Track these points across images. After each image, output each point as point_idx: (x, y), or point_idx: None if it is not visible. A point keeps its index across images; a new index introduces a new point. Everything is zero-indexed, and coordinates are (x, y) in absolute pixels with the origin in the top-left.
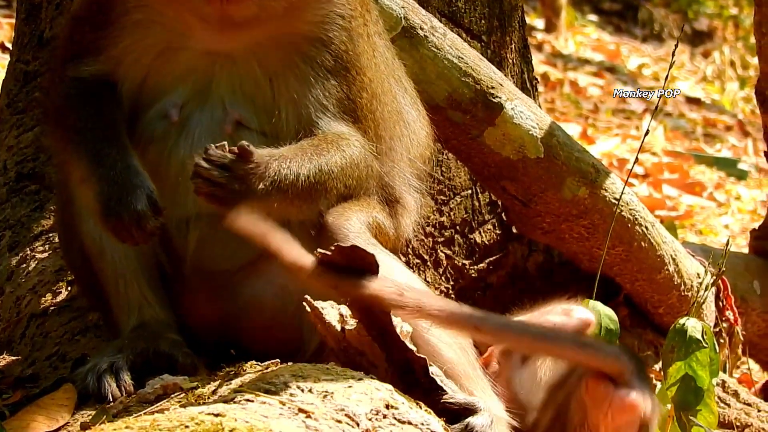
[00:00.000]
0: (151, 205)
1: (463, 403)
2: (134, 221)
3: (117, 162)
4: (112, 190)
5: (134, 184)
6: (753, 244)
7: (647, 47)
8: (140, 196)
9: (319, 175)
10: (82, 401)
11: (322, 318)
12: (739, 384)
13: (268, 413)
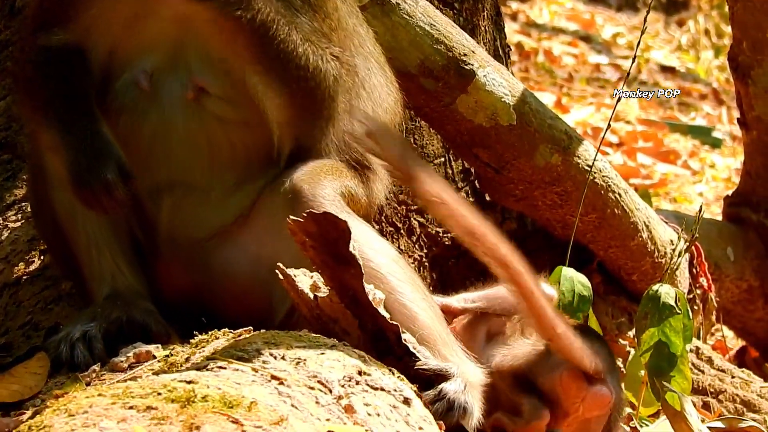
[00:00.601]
0: (120, 172)
1: (436, 369)
2: (104, 189)
3: (86, 130)
4: (82, 158)
5: (103, 153)
6: (727, 210)
7: (622, 16)
8: (110, 164)
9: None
10: (55, 370)
11: (295, 285)
12: (713, 351)
13: (241, 380)
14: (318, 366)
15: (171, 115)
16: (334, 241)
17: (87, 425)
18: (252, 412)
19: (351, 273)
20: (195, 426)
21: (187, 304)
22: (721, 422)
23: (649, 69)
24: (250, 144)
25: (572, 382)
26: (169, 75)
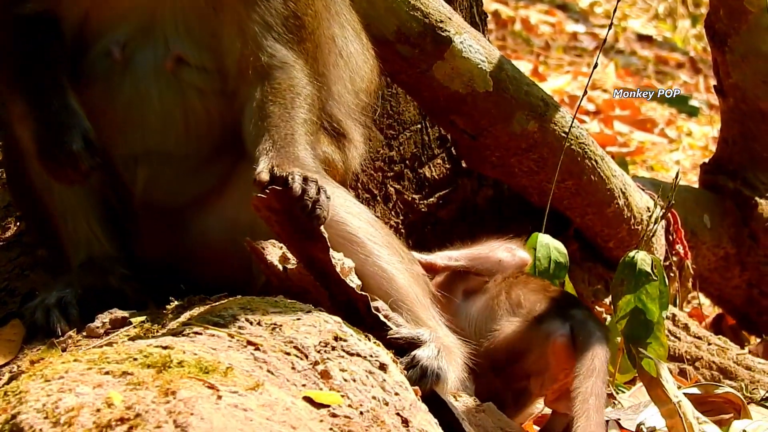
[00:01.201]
0: (87, 144)
1: (408, 338)
2: (70, 162)
3: (54, 102)
4: (48, 130)
5: (70, 124)
6: (703, 178)
7: None
8: (76, 136)
9: (307, 126)
10: (31, 336)
11: (264, 258)
12: (690, 318)
13: (217, 346)
14: (294, 332)
15: (146, 86)
16: (297, 216)
17: (63, 390)
18: (228, 377)
19: (317, 247)
20: (171, 391)
21: (163, 270)
22: (697, 389)
23: (626, 38)
24: (228, 113)
25: (563, 351)
26: (143, 45)
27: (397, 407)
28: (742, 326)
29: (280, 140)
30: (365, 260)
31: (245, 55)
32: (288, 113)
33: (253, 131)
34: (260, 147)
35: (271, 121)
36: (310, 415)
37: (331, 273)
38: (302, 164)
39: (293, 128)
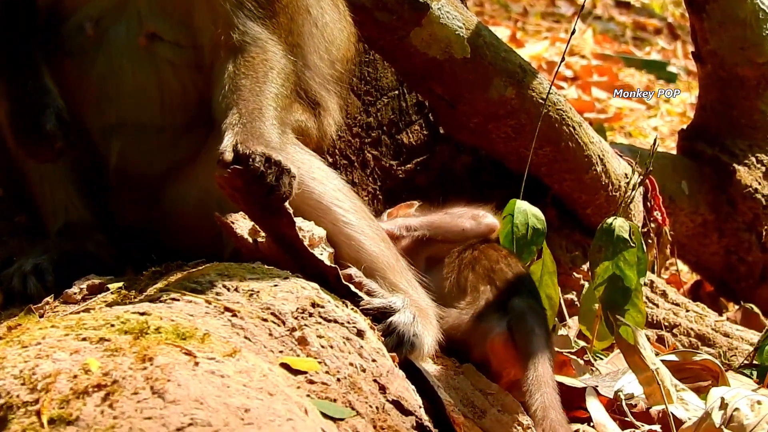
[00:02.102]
0: (60, 123)
1: (380, 307)
2: (44, 141)
3: (28, 81)
4: (23, 109)
5: (43, 104)
6: (681, 144)
7: None
8: (49, 116)
9: (278, 99)
10: (8, 302)
11: (234, 231)
12: (668, 284)
13: (194, 312)
14: (271, 298)
15: (119, 60)
16: (262, 194)
17: (40, 356)
18: (205, 343)
19: (283, 222)
20: (148, 357)
21: (140, 236)
22: (675, 356)
23: (604, 3)
24: (202, 86)
25: (501, 349)
26: (117, 21)
27: (374, 374)
28: (720, 293)
29: (247, 114)
30: (334, 227)
31: (218, 33)
32: (258, 87)
33: (222, 104)
34: (227, 121)
35: (240, 95)
36: (287, 381)
37: (299, 247)
38: (267, 141)
39: (261, 102)
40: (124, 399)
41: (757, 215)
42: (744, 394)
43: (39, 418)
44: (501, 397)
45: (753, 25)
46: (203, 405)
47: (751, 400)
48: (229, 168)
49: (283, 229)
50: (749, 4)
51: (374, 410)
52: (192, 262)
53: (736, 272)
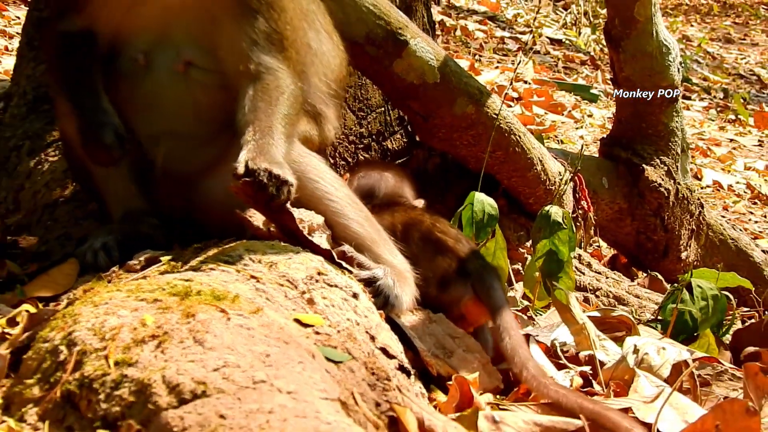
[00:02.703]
0: (117, 137)
1: (366, 277)
2: (104, 151)
3: (90, 104)
4: (88, 127)
5: (103, 123)
6: (602, 149)
7: (521, 1)
8: (108, 132)
9: (286, 119)
10: (83, 271)
11: (251, 223)
12: (592, 257)
13: (227, 279)
14: (287, 268)
15: (163, 82)
16: (267, 199)
17: (108, 313)
18: (235, 303)
19: (285, 218)
20: (191, 314)
21: (182, 221)
22: (597, 312)
23: (541, 41)
24: (227, 103)
25: (474, 308)
26: (161, 51)
27: (366, 327)
28: (632, 264)
29: (260, 131)
30: (327, 213)
31: (238, 63)
32: (271, 109)
33: (242, 121)
34: (244, 137)
35: (256, 115)
36: (299, 332)
37: (299, 236)
38: (272, 158)
39: (272, 122)
40: (172, 346)
41: (661, 204)
42: (652, 342)
43: (107, 361)
44: (465, 340)
45: (658, 57)
46: (234, 351)
47: (658, 347)
48: (241, 180)
49: (285, 222)
50: (655, 40)
51: (366, 355)
52: (225, 240)
53: (644, 248)
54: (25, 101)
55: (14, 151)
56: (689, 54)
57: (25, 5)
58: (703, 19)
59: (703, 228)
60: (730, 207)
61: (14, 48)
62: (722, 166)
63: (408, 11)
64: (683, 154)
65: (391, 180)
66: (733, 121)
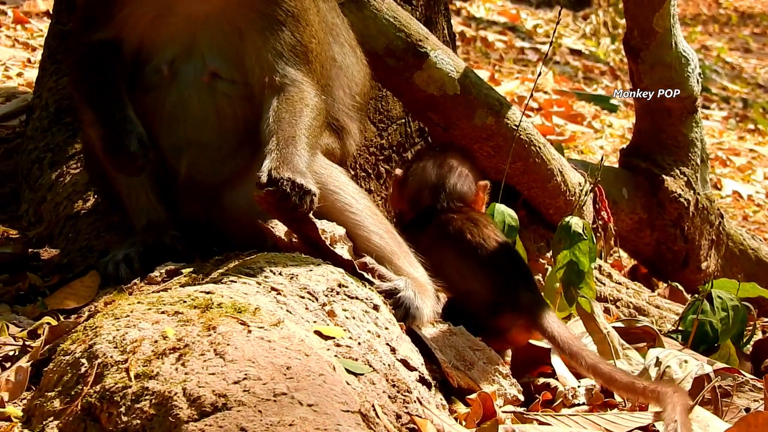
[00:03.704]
0: (141, 146)
1: (387, 289)
2: (129, 160)
3: (115, 113)
4: (112, 135)
5: (128, 131)
6: (622, 160)
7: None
8: (133, 140)
9: (310, 130)
10: (105, 283)
11: (273, 234)
12: (612, 268)
13: (248, 291)
14: (307, 280)
15: (187, 93)
16: (289, 209)
17: (129, 326)
18: (256, 315)
19: (307, 227)
20: (212, 326)
21: (204, 232)
22: (622, 323)
23: (561, 52)
24: (251, 114)
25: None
26: (186, 62)
27: (386, 339)
28: (652, 274)
29: (284, 141)
30: (353, 224)
31: (263, 75)
32: (295, 120)
33: (266, 131)
34: (268, 146)
35: (280, 125)
36: (319, 345)
37: (322, 246)
38: (294, 167)
39: (296, 132)
40: (193, 359)
41: (681, 214)
42: (674, 354)
43: (128, 374)
44: (486, 352)
45: (677, 67)
46: (255, 363)
47: (680, 359)
48: (264, 189)
49: (308, 232)
50: (674, 51)
51: (386, 367)
52: (246, 252)
53: (664, 258)
54: (47, 114)
55: (36, 163)
56: (708, 64)
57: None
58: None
59: (723, 238)
60: (750, 217)
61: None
62: (742, 175)
63: (428, 24)
64: (703, 164)
65: (458, 175)
66: (753, 131)
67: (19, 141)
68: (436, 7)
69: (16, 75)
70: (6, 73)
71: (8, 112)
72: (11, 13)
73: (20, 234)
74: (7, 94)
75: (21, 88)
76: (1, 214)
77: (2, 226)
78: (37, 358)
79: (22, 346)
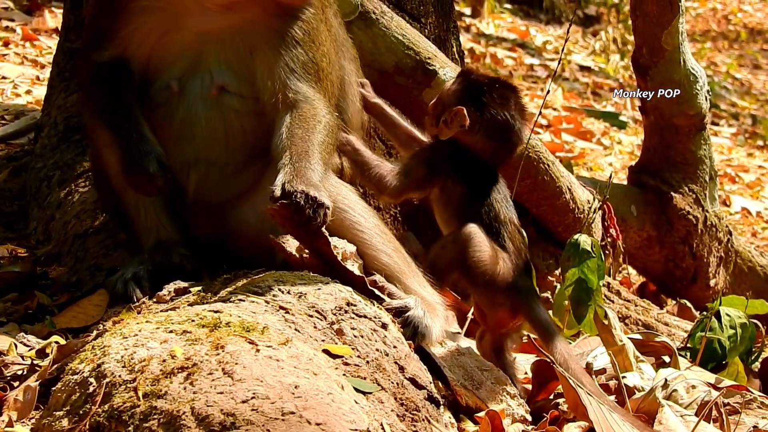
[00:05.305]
0: (160, 166)
1: (397, 307)
2: (147, 179)
3: (133, 133)
4: (130, 155)
5: (147, 151)
6: (631, 177)
7: (550, 28)
8: (152, 161)
9: (323, 146)
10: (113, 302)
11: (284, 249)
12: (621, 285)
13: (256, 310)
14: (316, 299)
15: (195, 109)
16: (303, 222)
17: (137, 345)
18: (264, 334)
19: (320, 242)
20: (220, 345)
21: (212, 249)
22: (640, 335)
23: (570, 68)
24: (259, 129)
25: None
26: (194, 77)
27: (395, 357)
28: (661, 291)
29: (297, 156)
30: (361, 243)
31: (275, 91)
32: (308, 135)
33: (279, 146)
34: (281, 161)
35: (293, 141)
36: (327, 363)
37: (333, 261)
38: (308, 180)
39: (309, 147)
40: (201, 378)
41: (689, 231)
42: (684, 378)
43: (136, 393)
44: (494, 372)
45: (685, 85)
46: (263, 383)
47: (688, 384)
48: (278, 202)
49: (321, 247)
50: (682, 69)
51: (395, 385)
52: (254, 270)
53: (673, 275)
54: (56, 132)
55: (45, 181)
56: (717, 80)
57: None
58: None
59: (732, 255)
60: (759, 233)
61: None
62: (751, 192)
63: (438, 42)
64: (711, 181)
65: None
66: (762, 147)
67: (28, 159)
68: (446, 25)
69: (25, 92)
70: (15, 91)
71: (17, 130)
72: (20, 30)
73: (29, 252)
74: (16, 112)
75: (30, 105)
76: (10, 232)
77: (11, 244)
78: (45, 377)
79: (31, 366)
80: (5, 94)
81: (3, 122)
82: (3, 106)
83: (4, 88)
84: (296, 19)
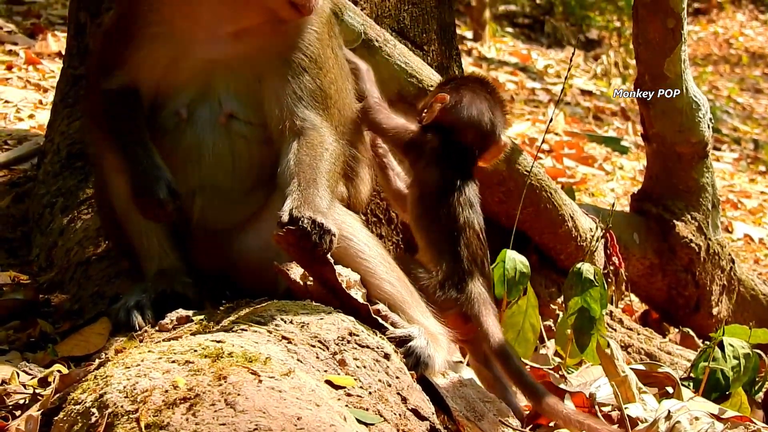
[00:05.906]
0: (170, 192)
1: (401, 336)
2: (158, 205)
3: (143, 160)
4: (140, 181)
5: (157, 177)
6: (633, 204)
7: (551, 52)
8: (162, 187)
9: (329, 174)
10: (116, 330)
11: (289, 276)
12: (623, 313)
13: (259, 340)
14: (318, 329)
15: (203, 135)
16: (309, 248)
17: (140, 375)
18: (267, 365)
19: (326, 269)
20: (223, 376)
21: (215, 278)
22: (643, 365)
23: (572, 92)
24: (266, 156)
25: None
26: (202, 104)
27: (397, 388)
28: (663, 319)
29: (304, 183)
30: (365, 271)
31: (283, 119)
32: (315, 163)
33: (286, 173)
34: (289, 188)
35: (300, 168)
36: (330, 394)
37: (338, 289)
38: (315, 207)
39: (316, 175)
40: (204, 409)
41: (692, 259)
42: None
43: (138, 424)
44: (496, 404)
45: (688, 113)
46: (265, 414)
47: (692, 416)
48: (284, 228)
49: (326, 275)
50: (685, 97)
51: (398, 417)
52: (257, 299)
53: (675, 304)
54: (58, 158)
55: (48, 208)
56: (719, 105)
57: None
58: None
59: (735, 283)
60: (761, 260)
61: (48, 102)
62: (753, 218)
63: (440, 69)
64: (714, 209)
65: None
66: (764, 173)
67: (31, 185)
68: (448, 53)
69: (28, 117)
70: (18, 115)
71: (20, 156)
72: (23, 54)
73: (31, 279)
74: (19, 137)
75: (33, 130)
76: (12, 258)
77: (13, 270)
78: (47, 406)
79: (33, 395)
80: (8, 119)
81: (6, 147)
82: (6, 131)
83: (7, 113)
84: (304, 47)
